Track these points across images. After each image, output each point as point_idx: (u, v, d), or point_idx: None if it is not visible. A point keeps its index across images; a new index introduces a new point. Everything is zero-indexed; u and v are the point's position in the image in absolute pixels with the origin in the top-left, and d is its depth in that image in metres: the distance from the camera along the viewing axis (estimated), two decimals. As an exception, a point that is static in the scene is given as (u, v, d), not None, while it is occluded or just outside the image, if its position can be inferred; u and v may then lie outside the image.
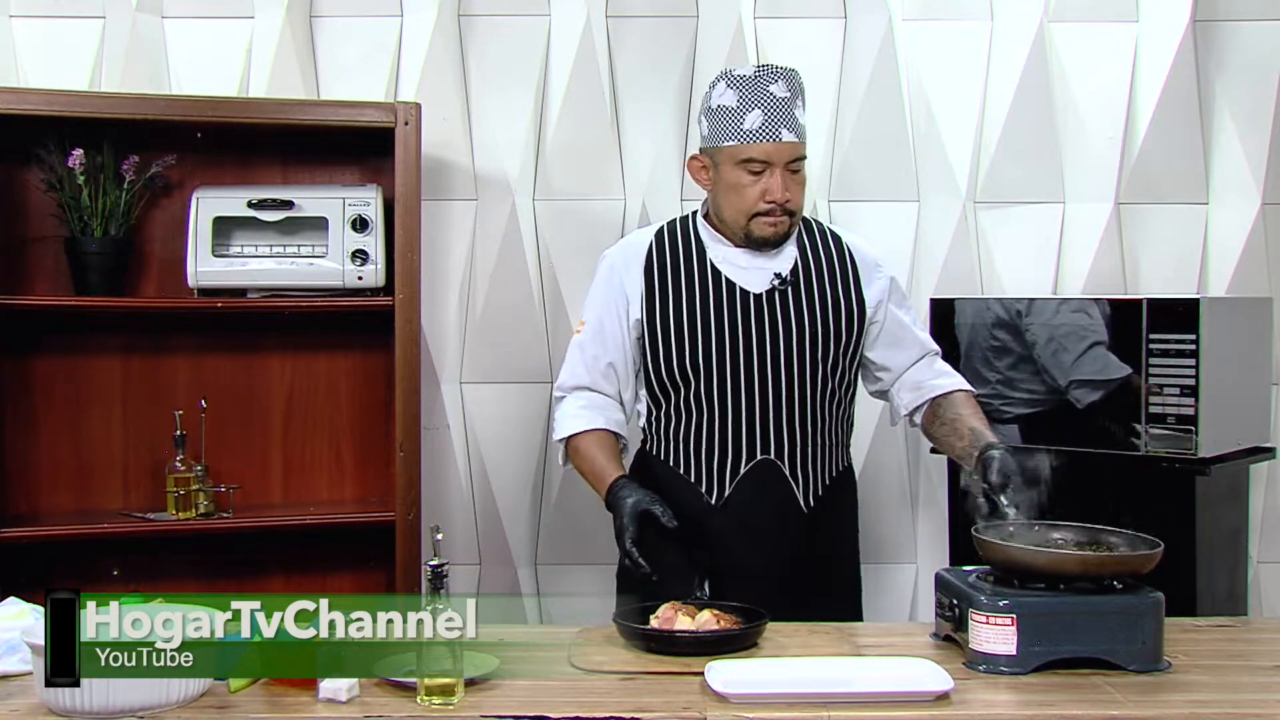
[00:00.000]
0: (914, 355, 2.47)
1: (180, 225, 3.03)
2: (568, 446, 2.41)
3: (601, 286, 2.43)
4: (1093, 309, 2.95)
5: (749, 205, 2.31)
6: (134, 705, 1.66)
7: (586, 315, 2.45)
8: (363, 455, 3.25)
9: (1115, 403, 2.91)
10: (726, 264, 2.36)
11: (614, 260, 2.44)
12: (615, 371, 2.41)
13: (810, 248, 2.41)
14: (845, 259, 2.42)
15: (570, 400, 2.43)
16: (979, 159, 3.39)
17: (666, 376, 2.35)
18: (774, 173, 2.29)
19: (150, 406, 3.12)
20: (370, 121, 2.98)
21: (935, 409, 2.42)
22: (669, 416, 2.39)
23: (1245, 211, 3.39)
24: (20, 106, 2.84)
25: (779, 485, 2.34)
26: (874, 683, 1.79)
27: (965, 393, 2.45)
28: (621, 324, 2.39)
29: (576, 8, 3.33)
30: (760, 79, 2.30)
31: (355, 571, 3.21)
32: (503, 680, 1.83)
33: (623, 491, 2.23)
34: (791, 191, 2.31)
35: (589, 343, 2.41)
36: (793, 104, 2.31)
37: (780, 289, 2.35)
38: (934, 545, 3.40)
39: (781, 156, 2.29)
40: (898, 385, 2.48)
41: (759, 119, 2.28)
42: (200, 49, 3.28)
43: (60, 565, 3.02)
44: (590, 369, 2.41)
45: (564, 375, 2.45)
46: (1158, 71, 3.37)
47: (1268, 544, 3.43)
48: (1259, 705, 1.73)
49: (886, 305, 2.44)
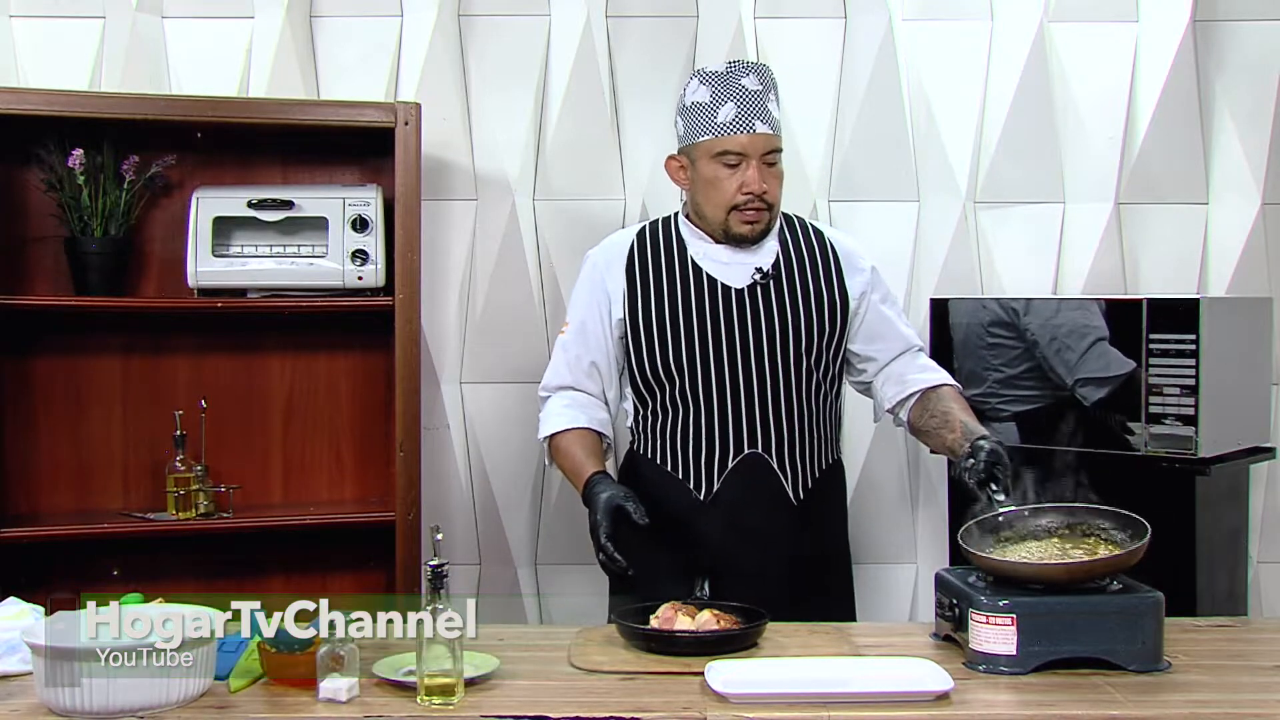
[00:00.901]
0: (897, 348, 2.47)
1: (180, 225, 3.03)
2: (550, 445, 2.42)
3: (584, 286, 2.45)
4: (1091, 305, 2.95)
5: (727, 198, 2.32)
6: (134, 705, 1.66)
7: (570, 315, 2.47)
8: (363, 455, 3.25)
9: (1115, 401, 2.91)
10: (708, 260, 2.37)
11: (596, 260, 2.46)
12: (598, 370, 2.42)
13: (792, 242, 2.42)
14: (827, 252, 2.43)
15: (554, 400, 2.44)
16: (979, 159, 3.39)
17: (650, 374, 2.36)
18: (750, 165, 2.31)
19: (150, 406, 3.12)
20: (370, 121, 2.98)
21: (923, 403, 2.41)
22: (654, 414, 2.40)
23: (1245, 211, 3.39)
24: (20, 106, 2.84)
25: (768, 479, 2.34)
26: (874, 683, 1.80)
27: (952, 387, 2.45)
28: (604, 323, 2.40)
29: (576, 8, 3.33)
30: (732, 73, 2.33)
31: (355, 571, 3.21)
32: (503, 680, 1.83)
33: (597, 487, 2.24)
34: (769, 183, 2.32)
35: (572, 343, 2.43)
36: (765, 97, 2.32)
37: (761, 283, 2.35)
38: (934, 545, 3.40)
39: (756, 148, 2.30)
40: (880, 378, 2.47)
41: (732, 111, 2.30)
42: (200, 49, 3.28)
43: (60, 565, 3.02)
44: (573, 369, 2.42)
45: (548, 376, 2.47)
46: (1158, 71, 3.37)
47: (1268, 544, 3.43)
48: (1259, 705, 1.73)
49: (869, 297, 2.44)
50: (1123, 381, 2.89)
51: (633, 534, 2.16)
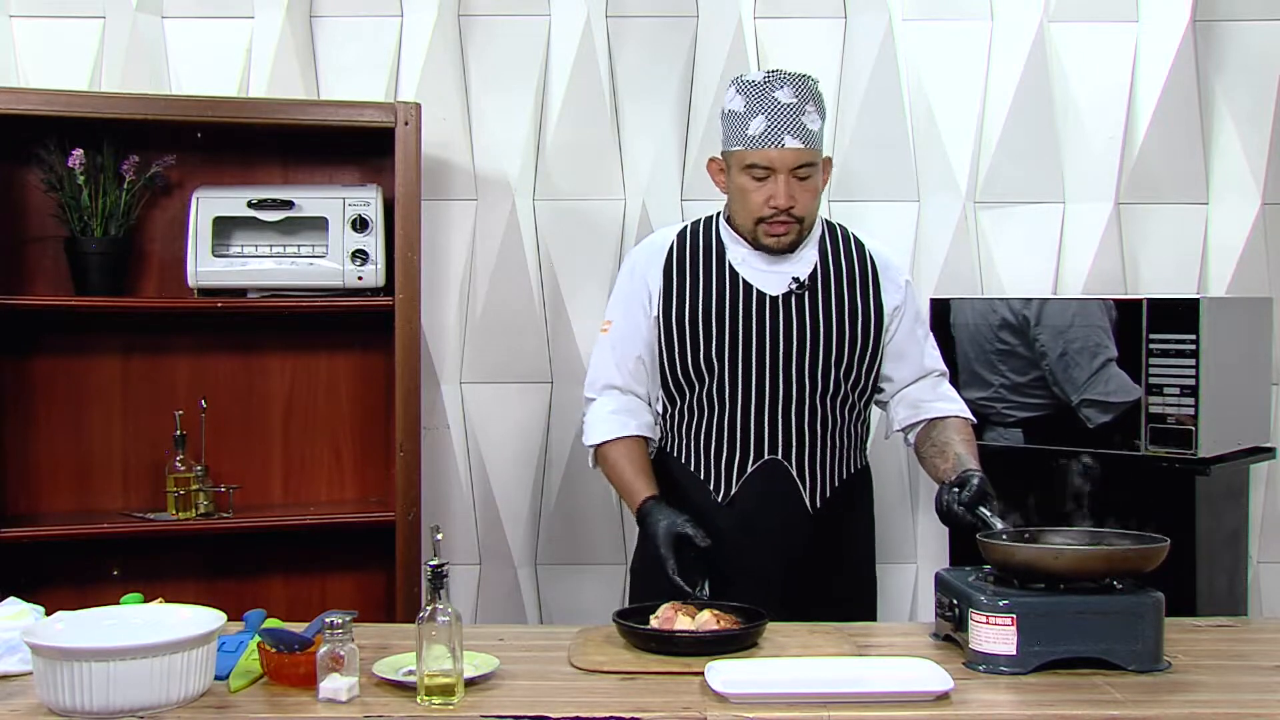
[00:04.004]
0: (917, 372, 2.46)
1: (180, 225, 3.03)
2: (597, 454, 2.42)
3: (625, 283, 2.45)
4: (1101, 317, 2.92)
5: (754, 210, 2.32)
6: (134, 705, 1.66)
7: (611, 313, 2.45)
8: (363, 455, 3.25)
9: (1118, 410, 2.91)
10: (745, 266, 2.37)
11: (637, 258, 2.46)
12: (644, 366, 2.40)
13: (831, 252, 2.41)
14: (866, 265, 2.42)
15: (600, 403, 2.43)
16: (979, 159, 3.39)
17: (681, 373, 2.36)
18: (778, 179, 2.29)
19: (150, 406, 3.12)
20: (370, 121, 2.98)
21: (929, 430, 2.42)
22: (682, 414, 2.40)
23: (1245, 211, 3.39)
24: (20, 106, 2.84)
25: (785, 486, 2.34)
26: (874, 683, 1.80)
27: (962, 419, 2.44)
28: (647, 317, 2.40)
29: (576, 8, 3.33)
30: (767, 85, 2.31)
31: (355, 571, 3.21)
32: (503, 680, 1.83)
33: (652, 516, 2.25)
34: (799, 197, 2.31)
35: (618, 341, 2.42)
36: (800, 110, 2.29)
37: (798, 293, 2.35)
38: (934, 545, 3.40)
39: (785, 163, 2.29)
40: (896, 399, 2.47)
41: (762, 125, 2.28)
42: (200, 49, 3.28)
43: (60, 565, 3.02)
44: (620, 367, 2.41)
45: (593, 375, 2.45)
46: (1158, 71, 3.37)
47: (1268, 544, 3.43)
48: (1259, 705, 1.73)
49: (901, 315, 2.43)
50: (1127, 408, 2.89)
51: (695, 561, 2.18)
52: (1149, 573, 1.92)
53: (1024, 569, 1.91)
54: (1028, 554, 1.92)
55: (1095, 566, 1.90)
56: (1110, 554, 1.92)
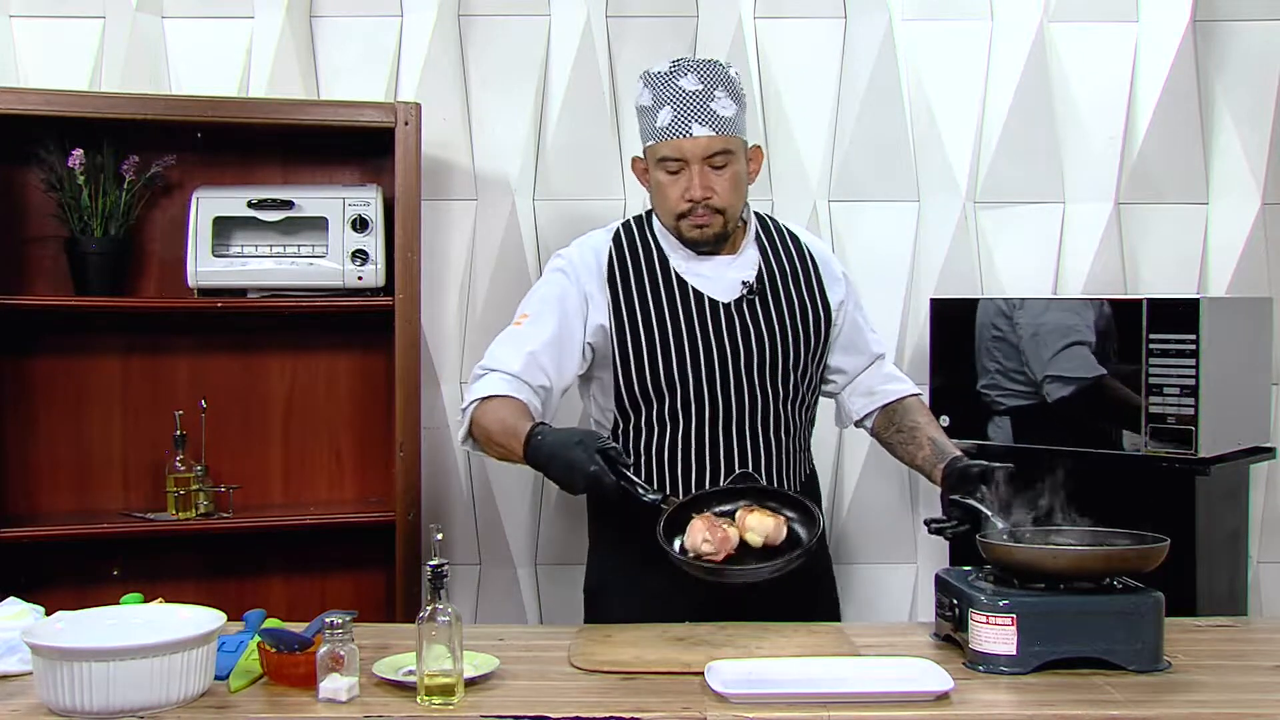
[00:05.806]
0: (867, 360, 2.45)
1: (180, 225, 3.03)
2: (474, 413, 2.20)
3: (555, 283, 2.30)
4: (1084, 310, 2.95)
5: (672, 206, 2.26)
6: (134, 705, 1.66)
7: (529, 308, 2.30)
8: (363, 455, 3.25)
9: (1106, 404, 2.91)
10: (692, 274, 2.29)
11: (572, 259, 2.33)
12: (547, 372, 2.23)
13: (771, 250, 2.36)
14: (807, 261, 2.38)
15: (487, 379, 2.23)
16: (979, 159, 3.39)
17: (639, 391, 2.27)
18: (691, 170, 2.22)
19: (150, 406, 3.12)
20: (370, 121, 2.98)
21: (889, 415, 2.41)
22: (639, 430, 2.30)
23: (1245, 211, 3.39)
24: (20, 106, 2.84)
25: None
26: (874, 683, 1.79)
27: (916, 397, 2.45)
28: (582, 321, 2.27)
29: (576, 8, 3.33)
30: (672, 75, 2.24)
31: (355, 571, 3.21)
32: (503, 680, 1.83)
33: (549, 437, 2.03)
34: (718, 187, 2.23)
35: (530, 337, 2.25)
36: (708, 97, 2.21)
37: (749, 297, 2.29)
38: (934, 545, 3.40)
39: (695, 152, 2.21)
40: (849, 390, 2.46)
41: (669, 115, 2.22)
42: (200, 49, 3.28)
43: (60, 565, 3.02)
44: (522, 358, 2.22)
45: (486, 361, 2.26)
46: (1158, 71, 3.37)
47: (1268, 544, 3.43)
48: (1259, 705, 1.73)
49: (845, 308, 2.41)
50: (1092, 385, 2.90)
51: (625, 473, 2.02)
52: (1149, 573, 1.92)
53: (1024, 569, 1.91)
54: (1027, 554, 1.92)
55: (1095, 566, 1.90)
56: (1110, 554, 1.92)
